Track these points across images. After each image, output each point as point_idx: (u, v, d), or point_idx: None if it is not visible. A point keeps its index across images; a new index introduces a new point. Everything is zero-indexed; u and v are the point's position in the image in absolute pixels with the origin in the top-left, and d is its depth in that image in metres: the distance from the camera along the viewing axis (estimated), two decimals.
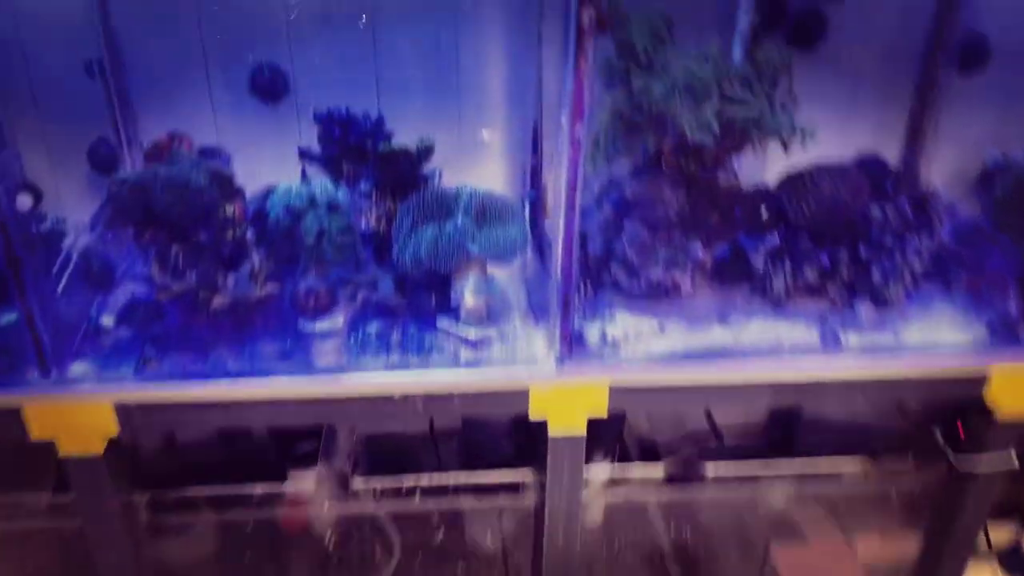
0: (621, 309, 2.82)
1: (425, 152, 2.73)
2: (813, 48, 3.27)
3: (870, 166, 2.86)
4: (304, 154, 2.79)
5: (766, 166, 3.20)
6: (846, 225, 2.75)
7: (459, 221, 2.62)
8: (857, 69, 3.40)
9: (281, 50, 2.96)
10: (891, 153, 3.45)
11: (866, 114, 3.49)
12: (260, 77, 2.94)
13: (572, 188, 2.28)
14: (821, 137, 3.14)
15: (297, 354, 2.58)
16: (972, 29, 3.20)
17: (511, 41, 3.13)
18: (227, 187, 2.38)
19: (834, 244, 2.77)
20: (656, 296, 2.82)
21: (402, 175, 2.73)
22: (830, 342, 2.69)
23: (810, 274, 2.75)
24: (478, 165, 3.38)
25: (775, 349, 2.69)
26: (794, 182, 2.82)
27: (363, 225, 2.79)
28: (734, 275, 2.91)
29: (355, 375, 2.48)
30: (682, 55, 2.78)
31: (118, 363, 2.46)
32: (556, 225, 2.38)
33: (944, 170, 3.64)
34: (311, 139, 2.89)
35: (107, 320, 2.49)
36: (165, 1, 2.77)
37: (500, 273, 2.91)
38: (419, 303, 2.69)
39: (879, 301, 2.76)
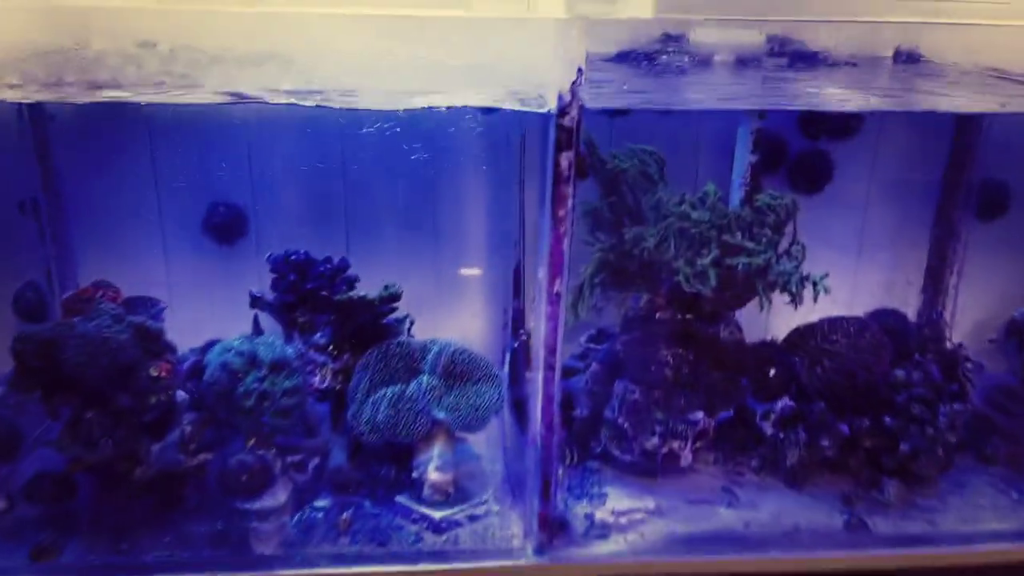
0: (612, 484, 2.44)
1: (389, 299, 2.44)
2: (818, 191, 3.06)
3: (889, 321, 2.57)
4: (256, 301, 2.49)
5: (771, 321, 2.95)
6: (866, 389, 2.42)
7: (424, 381, 2.29)
8: (867, 214, 3.19)
9: (242, 187, 2.74)
10: (909, 306, 3.19)
11: (880, 263, 3.25)
12: (216, 215, 2.69)
13: (551, 350, 1.97)
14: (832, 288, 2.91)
15: (233, 538, 2.18)
16: (990, 175, 3.00)
17: (492, 181, 2.92)
18: (153, 344, 2.07)
19: (855, 411, 2.44)
20: (651, 469, 2.45)
21: (362, 326, 2.43)
22: (856, 528, 2.30)
23: (828, 446, 2.39)
24: (456, 312, 3.09)
25: (792, 535, 2.30)
26: (805, 339, 2.52)
27: (318, 383, 2.46)
28: (741, 445, 2.55)
29: (293, 572, 2.07)
30: (677, 198, 2.56)
31: (9, 551, 2.06)
32: (536, 389, 2.05)
33: (966, 324, 3.38)
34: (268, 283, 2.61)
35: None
36: (114, 136, 2.56)
37: (475, 436, 2.56)
38: (376, 477, 2.32)
39: (910, 478, 2.39)
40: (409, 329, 2.63)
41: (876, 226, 3.22)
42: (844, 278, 3.26)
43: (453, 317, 3.04)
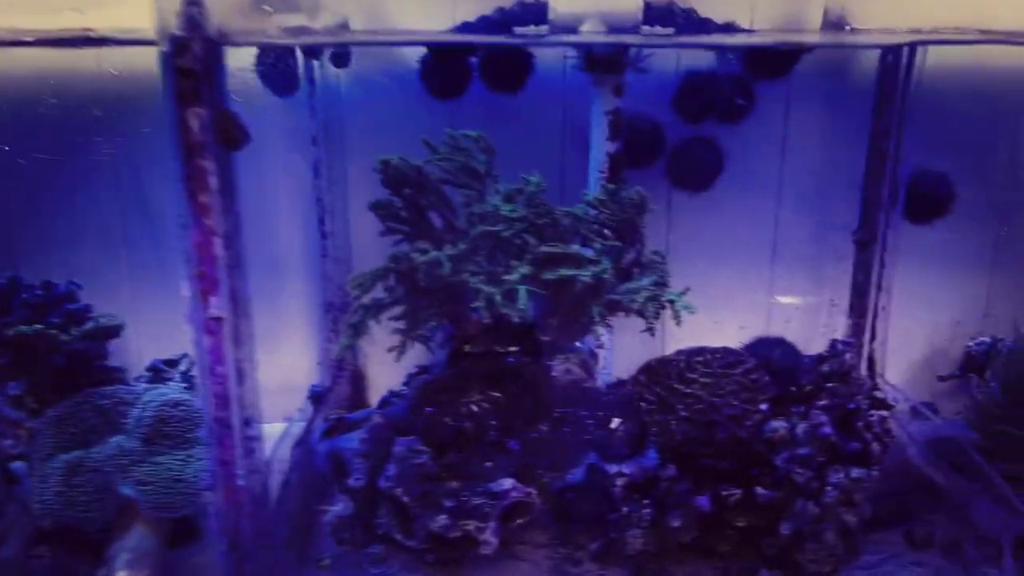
0: None
1: (94, 335, 1.84)
2: (705, 187, 2.44)
3: (772, 353, 1.92)
4: None
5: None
6: (734, 447, 1.78)
7: (113, 444, 1.68)
8: (779, 217, 2.56)
9: None
10: (836, 333, 2.54)
11: (799, 279, 2.61)
12: None
13: (220, 401, 1.36)
14: (706, 311, 2.28)
15: None
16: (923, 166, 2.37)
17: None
18: None
19: (721, 478, 1.79)
20: (445, 559, 1.82)
21: (59, 371, 1.83)
22: None
23: (680, 527, 1.75)
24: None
25: None
26: (656, 378, 1.88)
27: (9, 446, 1.86)
28: (585, 522, 1.91)
29: None
30: (492, 194, 1.96)
31: None
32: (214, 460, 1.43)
33: (906, 357, 2.73)
34: None
35: None
36: None
37: None
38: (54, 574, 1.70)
39: (795, 572, 1.74)
40: (156, 376, 2.04)
41: (791, 231, 2.59)
42: (754, 299, 2.64)
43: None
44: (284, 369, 2.58)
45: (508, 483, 1.78)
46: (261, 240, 2.43)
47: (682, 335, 2.54)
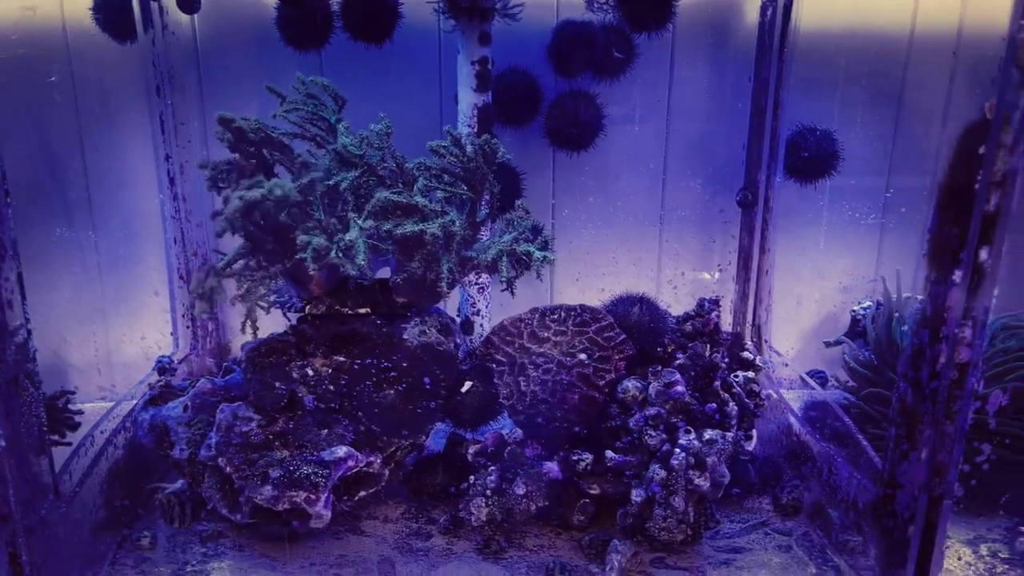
0: (225, 556, 1.66)
1: None
2: (585, 146, 2.33)
3: (632, 312, 1.81)
4: None
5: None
6: (587, 411, 1.67)
7: None
8: (667, 177, 2.46)
9: None
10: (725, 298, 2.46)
11: (689, 243, 2.51)
12: None
13: None
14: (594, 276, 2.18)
15: None
16: (804, 125, 2.29)
17: None
18: None
19: (574, 442, 1.68)
20: (275, 532, 1.68)
21: None
22: None
23: (526, 495, 1.63)
24: None
25: None
26: (508, 339, 1.76)
27: None
28: (437, 493, 1.79)
29: None
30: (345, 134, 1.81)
31: None
32: None
33: (793, 321, 2.66)
34: None
35: None
36: None
37: None
38: None
39: (649, 543, 1.63)
40: None
41: (679, 192, 2.50)
42: (645, 267, 2.54)
43: None
44: (139, 343, 2.42)
45: (342, 451, 1.64)
46: (106, 204, 2.29)
47: (572, 299, 2.47)
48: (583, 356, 1.67)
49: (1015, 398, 1.70)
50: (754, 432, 1.95)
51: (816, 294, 2.54)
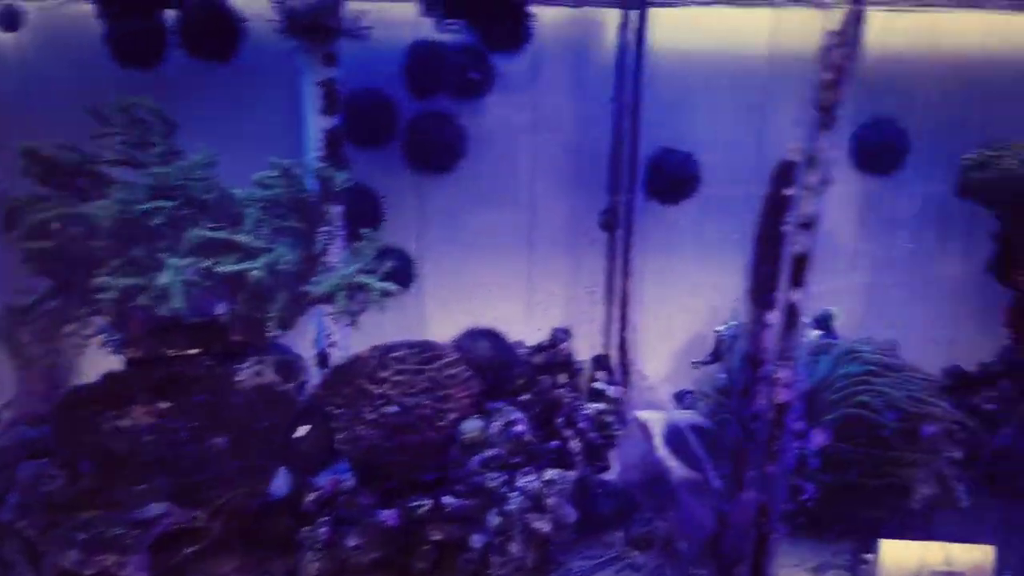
0: None
1: None
2: (446, 168, 2.26)
3: (480, 346, 1.75)
4: None
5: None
6: (424, 452, 1.60)
7: None
8: (534, 200, 2.42)
9: None
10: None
11: (556, 266, 2.48)
12: None
13: None
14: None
15: None
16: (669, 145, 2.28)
17: None
18: None
19: (411, 487, 1.61)
20: None
21: None
22: None
23: (359, 546, 1.55)
24: None
25: None
26: (348, 379, 1.68)
27: None
28: (263, 544, 1.68)
29: None
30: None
31: None
32: None
33: (660, 346, 2.67)
34: None
35: None
36: None
37: None
38: None
39: None
40: None
41: (547, 215, 2.45)
42: (514, 291, 2.49)
43: None
44: None
45: (158, 508, 1.52)
46: None
47: (437, 329, 2.40)
48: (423, 397, 1.60)
49: (854, 424, 1.71)
50: (612, 462, 1.92)
51: (687, 314, 2.53)
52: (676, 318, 2.54)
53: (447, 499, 1.55)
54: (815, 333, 2.20)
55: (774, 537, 1.33)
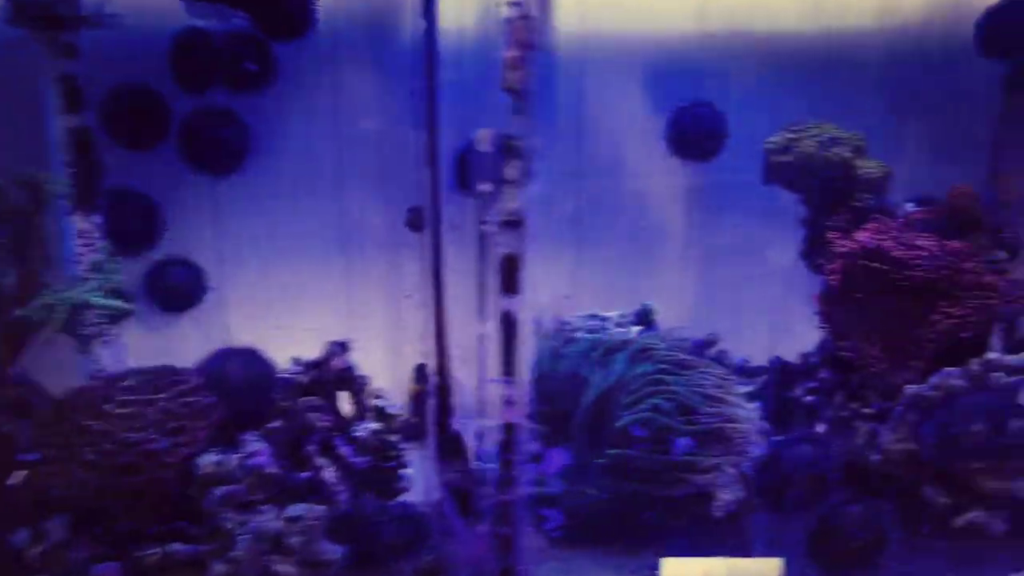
0: None
1: None
2: (230, 169, 2.06)
3: (231, 370, 1.56)
4: None
5: None
6: (153, 493, 1.41)
7: None
8: (343, 198, 2.25)
9: None
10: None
11: (376, 269, 2.31)
12: None
13: None
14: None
15: None
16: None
17: None
18: None
19: (138, 534, 1.42)
20: None
21: None
22: None
23: None
24: None
25: None
26: (65, 415, 1.48)
27: None
28: None
29: None
30: None
31: None
32: None
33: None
34: None
35: None
36: None
37: None
38: None
39: None
40: None
41: (360, 215, 2.27)
42: (329, 299, 2.30)
43: None
44: None
45: None
46: None
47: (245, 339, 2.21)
48: (153, 431, 1.41)
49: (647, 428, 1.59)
50: (407, 484, 1.76)
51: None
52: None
53: (177, 546, 1.37)
54: (635, 329, 2.10)
55: (520, 570, 1.19)
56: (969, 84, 2.19)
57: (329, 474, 1.43)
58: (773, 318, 2.33)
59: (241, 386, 1.52)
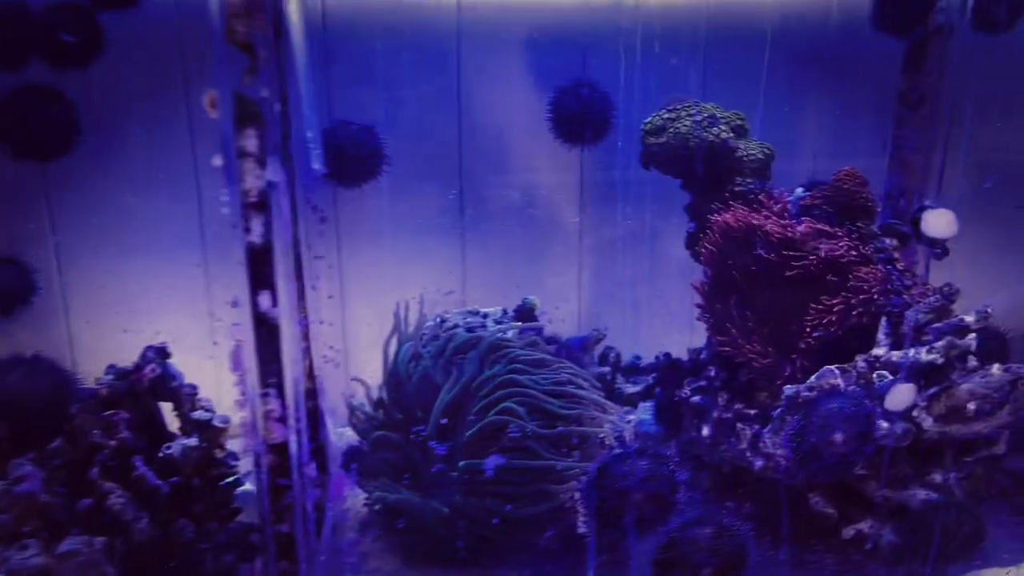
0: None
1: None
2: (49, 155, 1.85)
3: (9, 382, 1.36)
4: None
5: None
6: None
7: None
8: (202, 188, 2.04)
9: None
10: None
11: (214, 273, 2.11)
12: None
13: None
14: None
15: None
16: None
17: None
18: None
19: None
20: None
21: None
22: None
23: None
24: None
25: None
26: None
27: None
28: None
29: None
30: None
31: None
32: None
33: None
34: None
35: None
36: None
37: None
38: None
39: None
40: None
41: (218, 206, 2.08)
42: (188, 301, 2.10)
43: None
44: None
45: None
46: None
47: (95, 350, 2.00)
48: None
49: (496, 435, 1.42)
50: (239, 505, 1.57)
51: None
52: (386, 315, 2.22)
53: None
54: (516, 325, 1.94)
55: None
56: (868, 60, 2.07)
57: (118, 500, 1.24)
58: (668, 312, 2.19)
59: (28, 399, 1.32)
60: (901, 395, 1.29)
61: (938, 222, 1.19)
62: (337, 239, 2.11)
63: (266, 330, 0.88)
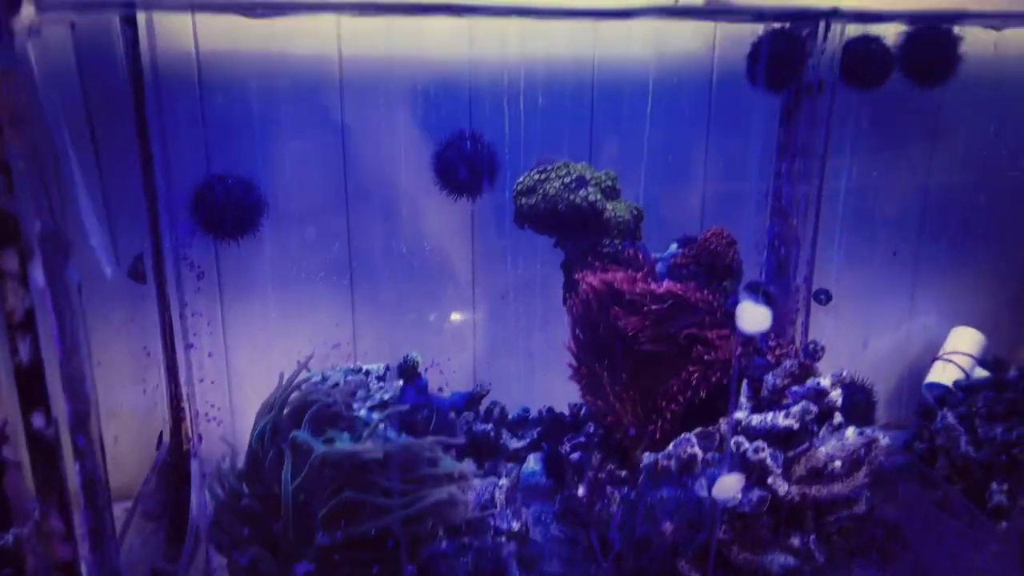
0: None
1: None
2: None
3: None
4: None
5: None
6: None
7: None
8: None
9: None
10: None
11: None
12: None
13: None
14: None
15: None
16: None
17: None
18: None
19: None
20: None
21: None
22: None
23: None
24: None
25: None
26: None
27: None
28: None
29: None
30: None
31: None
32: None
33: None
34: None
35: None
36: None
37: None
38: None
39: None
40: None
41: (86, 257, 2.01)
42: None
43: None
44: None
45: None
46: None
47: None
48: None
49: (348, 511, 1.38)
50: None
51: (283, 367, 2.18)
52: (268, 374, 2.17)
53: None
54: (398, 384, 1.92)
55: None
56: (751, 113, 2.10)
57: None
58: (559, 361, 2.18)
59: None
60: (728, 485, 1.29)
61: (753, 316, 1.20)
62: (220, 294, 2.06)
63: (42, 449, 0.82)
